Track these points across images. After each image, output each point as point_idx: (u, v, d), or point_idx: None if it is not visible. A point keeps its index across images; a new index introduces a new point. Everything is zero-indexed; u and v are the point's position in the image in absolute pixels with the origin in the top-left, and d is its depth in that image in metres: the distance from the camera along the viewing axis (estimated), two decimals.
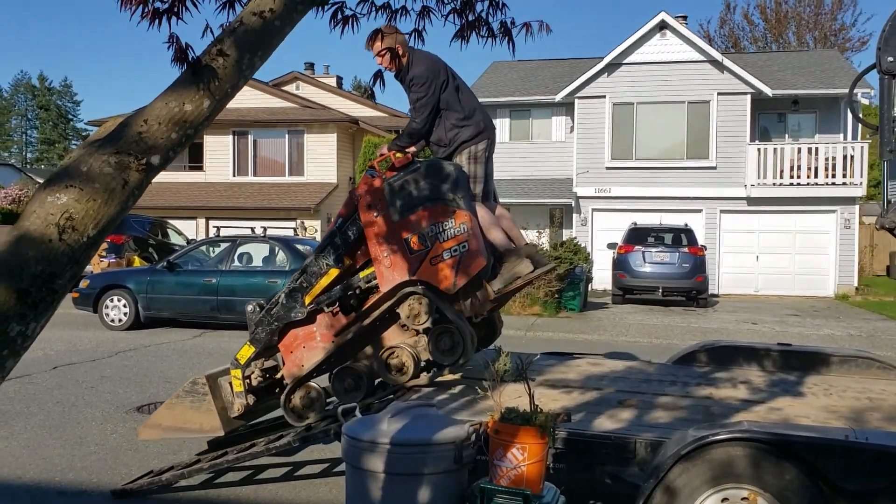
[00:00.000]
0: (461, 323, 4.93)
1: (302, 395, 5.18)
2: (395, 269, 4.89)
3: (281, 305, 5.16)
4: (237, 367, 5.34)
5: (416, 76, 5.23)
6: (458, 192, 4.90)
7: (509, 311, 15.94)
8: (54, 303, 1.96)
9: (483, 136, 5.40)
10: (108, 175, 2.00)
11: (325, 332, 5.13)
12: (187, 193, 28.31)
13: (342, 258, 5.06)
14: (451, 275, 4.81)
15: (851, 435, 3.82)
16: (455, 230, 4.81)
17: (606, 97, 23.61)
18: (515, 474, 3.33)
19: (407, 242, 4.86)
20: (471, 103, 5.42)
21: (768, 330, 14.39)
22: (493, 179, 5.67)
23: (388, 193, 4.92)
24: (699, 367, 6.06)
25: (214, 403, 5.37)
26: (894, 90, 4.71)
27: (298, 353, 5.18)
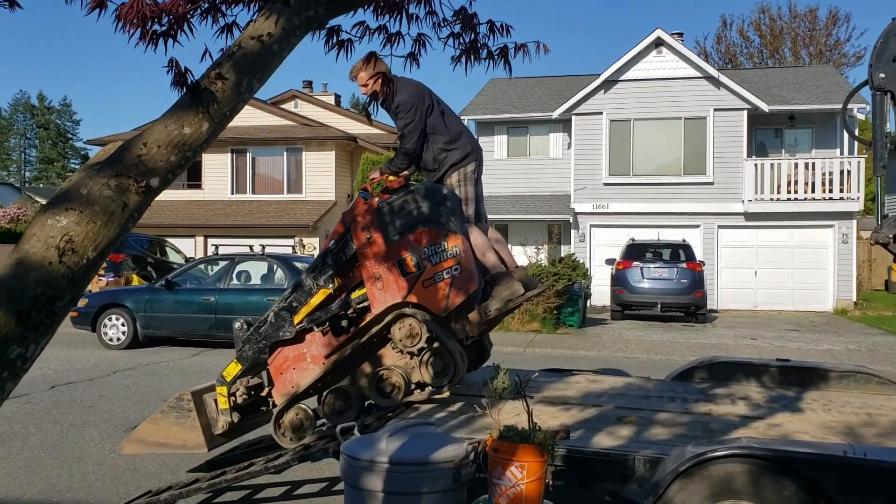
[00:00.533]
0: (452, 345, 4.96)
1: (292, 416, 5.18)
2: (387, 291, 4.93)
3: (270, 324, 5.19)
4: (223, 384, 5.35)
5: (401, 103, 5.32)
6: (451, 214, 4.96)
7: (508, 328, 15.94)
8: (54, 325, 1.97)
9: (471, 158, 5.46)
10: (108, 198, 2.02)
11: (315, 354, 5.15)
12: (186, 211, 28.34)
13: (333, 278, 5.10)
14: (443, 297, 4.85)
15: (850, 451, 3.82)
16: (448, 253, 4.86)
17: (603, 114, 23.72)
18: (515, 493, 3.33)
19: (400, 264, 4.90)
20: (456, 127, 5.50)
21: (767, 345, 14.39)
22: (483, 201, 5.72)
23: (381, 216, 4.96)
24: (698, 384, 6.06)
25: (199, 420, 5.38)
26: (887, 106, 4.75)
27: (289, 374, 5.20)
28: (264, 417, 5.57)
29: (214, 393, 5.42)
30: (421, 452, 3.45)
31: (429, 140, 5.40)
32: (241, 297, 13.17)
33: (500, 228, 25.71)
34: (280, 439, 5.19)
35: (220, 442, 5.54)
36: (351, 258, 5.08)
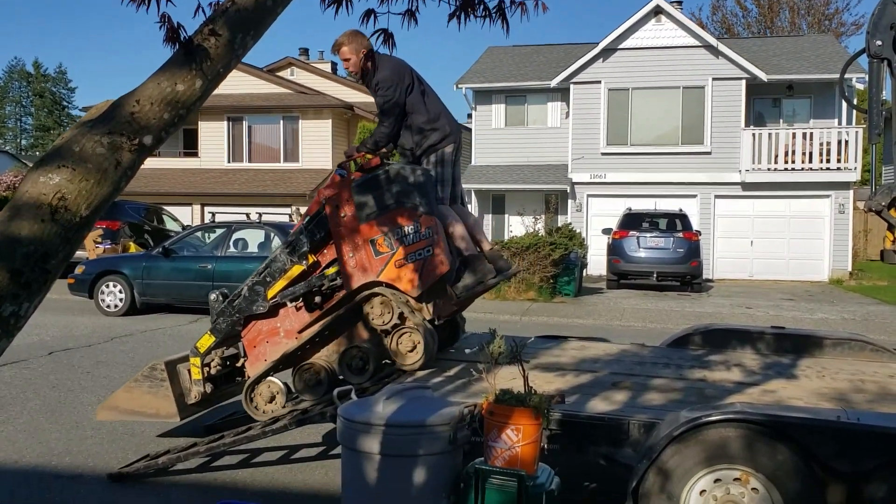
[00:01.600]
0: (423, 325, 5.01)
1: (263, 389, 5.26)
2: (360, 270, 5.00)
3: (243, 298, 5.27)
4: (196, 355, 5.43)
5: (380, 80, 5.30)
6: (425, 196, 4.99)
7: (505, 297, 15.98)
8: (47, 283, 1.96)
9: (450, 140, 5.45)
10: (101, 155, 2.00)
11: (288, 328, 5.23)
12: (182, 180, 28.23)
13: (307, 255, 5.16)
14: (414, 278, 4.91)
15: (843, 416, 3.85)
16: (420, 234, 4.91)
17: (602, 83, 23.57)
18: (510, 455, 3.35)
19: (373, 244, 4.97)
20: (436, 107, 5.48)
21: (762, 314, 14.44)
22: (461, 182, 5.74)
23: (355, 195, 5.00)
24: (693, 350, 6.09)
25: (172, 389, 5.46)
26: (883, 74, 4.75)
27: (262, 347, 5.30)
28: (238, 388, 5.65)
29: (188, 363, 5.51)
30: (417, 415, 3.47)
31: (408, 119, 5.39)
32: (238, 265, 13.16)
33: (497, 198, 25.72)
34: (251, 411, 5.29)
35: (193, 412, 5.65)
36: (325, 235, 5.14)
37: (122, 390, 5.62)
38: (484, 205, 25.63)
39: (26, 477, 5.27)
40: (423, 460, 3.38)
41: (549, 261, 16.18)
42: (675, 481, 3.71)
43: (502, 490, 3.26)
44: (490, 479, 3.29)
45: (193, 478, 5.29)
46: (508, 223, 25.46)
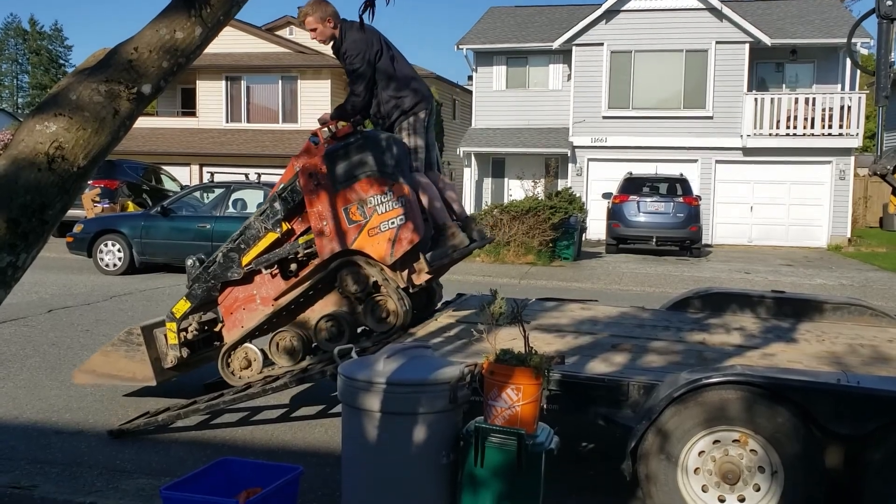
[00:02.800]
0: (396, 293, 5.04)
1: (240, 355, 5.32)
2: (333, 238, 5.01)
3: (218, 264, 5.32)
4: (172, 320, 5.47)
5: (348, 48, 5.26)
6: (398, 164, 5.00)
7: (503, 260, 15.98)
8: (45, 234, 1.93)
9: (421, 106, 5.41)
10: (99, 104, 1.96)
11: (264, 296, 5.28)
12: (180, 139, 28.06)
13: (280, 223, 5.19)
14: (387, 246, 4.92)
15: (843, 379, 3.85)
16: (393, 203, 4.90)
17: (604, 45, 23.32)
18: (510, 414, 3.35)
19: (346, 212, 4.97)
20: (407, 73, 5.43)
21: (761, 279, 14.45)
22: (436, 148, 5.72)
23: (328, 163, 4.99)
24: (693, 314, 6.09)
25: (148, 354, 5.50)
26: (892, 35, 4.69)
27: (238, 314, 5.36)
28: (216, 352, 5.70)
29: (165, 328, 5.54)
30: (418, 374, 3.46)
31: (378, 87, 5.35)
32: (236, 225, 12.92)
33: (496, 162, 25.60)
34: (227, 377, 5.35)
35: (170, 376, 5.70)
36: (299, 204, 5.15)
37: (99, 354, 5.66)
38: (483, 168, 25.52)
39: (26, 432, 5.29)
40: (423, 418, 3.38)
41: (548, 225, 16.14)
42: (674, 442, 3.72)
43: (502, 448, 3.26)
44: (490, 437, 3.29)
45: (193, 435, 5.31)
46: (508, 187, 25.37)
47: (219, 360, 5.36)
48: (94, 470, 4.65)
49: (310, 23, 5.32)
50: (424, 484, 3.40)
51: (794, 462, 3.63)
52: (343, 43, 5.30)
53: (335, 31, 5.33)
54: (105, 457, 4.88)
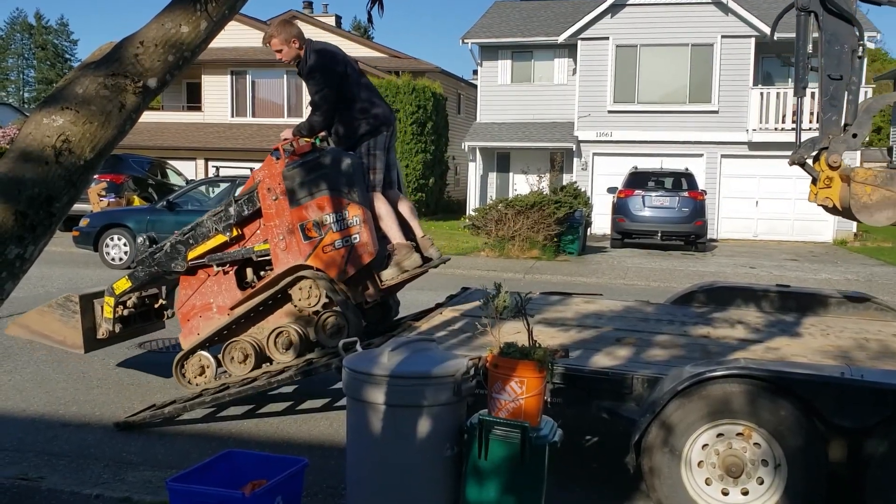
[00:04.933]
0: (348, 309, 5.16)
1: (194, 361, 5.46)
2: (289, 253, 5.17)
3: (165, 253, 5.47)
4: (111, 295, 5.67)
5: (313, 69, 5.33)
6: (354, 184, 5.11)
7: (508, 255, 15.98)
8: (52, 226, 1.95)
9: (382, 129, 5.50)
10: (105, 98, 1.97)
11: (221, 304, 5.43)
12: (186, 134, 28.09)
13: (231, 228, 5.33)
14: (341, 264, 5.08)
15: (847, 373, 3.85)
16: (348, 221, 5.05)
17: (609, 39, 23.26)
18: (514, 407, 3.36)
19: (302, 228, 5.11)
20: (369, 96, 5.52)
21: (766, 274, 14.43)
22: (396, 168, 5.82)
23: (287, 179, 5.13)
24: (697, 308, 6.09)
25: (82, 323, 5.66)
26: (810, 27, 4.77)
27: (195, 321, 5.50)
28: (150, 326, 6.10)
29: (104, 299, 5.72)
30: (422, 367, 3.47)
31: (340, 107, 5.42)
32: None
33: (501, 156, 25.57)
34: (181, 382, 5.48)
35: (99, 346, 5.90)
36: (253, 213, 5.31)
37: (35, 312, 5.80)
38: (488, 162, 25.51)
39: (33, 424, 5.33)
40: (427, 411, 3.39)
41: (553, 219, 16.11)
42: (677, 435, 3.74)
43: (506, 441, 3.28)
44: (494, 430, 3.30)
45: (199, 428, 5.34)
46: (513, 181, 25.35)
47: (174, 365, 5.51)
48: (101, 462, 4.68)
49: (275, 44, 5.41)
50: (429, 476, 3.42)
51: (797, 455, 3.64)
52: (307, 64, 5.38)
53: (300, 51, 5.42)
54: (112, 449, 4.91)
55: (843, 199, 4.60)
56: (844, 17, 4.63)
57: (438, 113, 26.18)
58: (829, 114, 4.66)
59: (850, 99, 4.71)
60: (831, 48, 4.67)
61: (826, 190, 4.68)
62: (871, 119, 4.69)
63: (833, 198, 4.66)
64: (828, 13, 4.65)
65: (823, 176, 4.67)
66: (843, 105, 4.69)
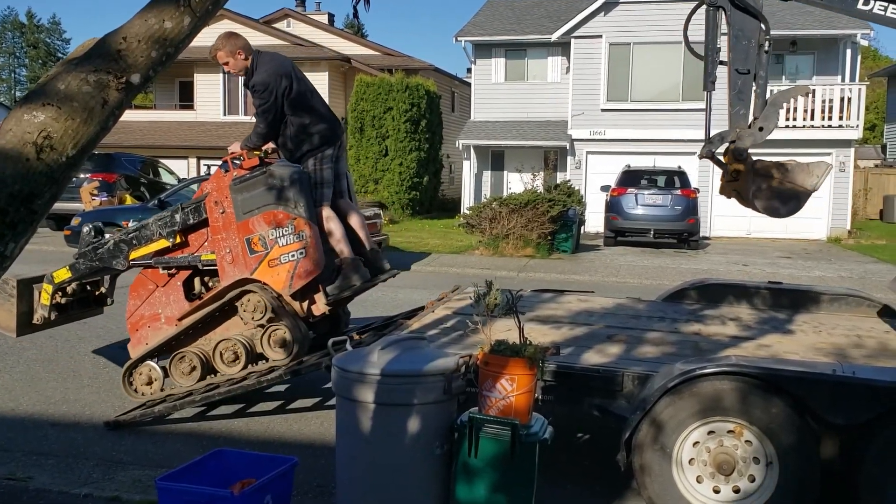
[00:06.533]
0: (294, 323, 5.19)
1: (142, 371, 5.49)
2: (235, 266, 5.23)
3: (107, 250, 5.54)
4: (50, 282, 5.74)
5: (257, 83, 5.34)
6: (300, 198, 5.13)
7: (502, 253, 15.97)
8: (33, 223, 1.93)
9: (329, 143, 5.51)
10: (87, 94, 1.95)
11: (169, 315, 5.50)
12: (178, 133, 28.01)
13: (175, 234, 5.39)
14: (286, 278, 5.12)
15: (839, 370, 3.85)
16: (294, 237, 5.09)
17: (603, 37, 23.25)
18: (504, 405, 3.35)
19: (248, 242, 5.17)
20: (317, 109, 5.52)
21: (759, 272, 14.45)
22: (347, 178, 5.82)
23: (233, 193, 5.19)
24: (689, 305, 6.09)
25: (17, 307, 5.70)
26: (719, 22, 4.85)
27: (143, 331, 5.56)
28: (89, 313, 6.24)
29: (42, 285, 5.79)
30: (412, 365, 3.46)
31: (287, 120, 5.43)
32: None
33: (496, 154, 25.55)
34: (129, 392, 5.50)
35: (32, 331, 5.96)
36: (198, 223, 5.37)
37: None
38: (483, 161, 25.49)
39: (23, 424, 5.30)
40: (417, 409, 3.37)
41: (546, 218, 16.11)
42: (668, 433, 3.73)
43: (496, 439, 3.26)
44: (484, 427, 3.29)
45: (189, 426, 5.32)
46: (507, 180, 25.34)
47: (122, 374, 5.52)
48: (91, 461, 4.66)
49: (221, 57, 5.42)
50: (419, 474, 3.40)
51: (789, 453, 3.64)
52: (253, 75, 5.38)
53: (247, 62, 5.42)
54: (101, 448, 4.89)
55: (749, 192, 4.66)
56: (751, 13, 4.69)
57: (432, 111, 26.15)
58: (737, 107, 4.73)
59: (758, 93, 4.77)
60: (739, 43, 4.72)
61: (734, 182, 4.77)
62: (777, 113, 4.76)
63: (740, 190, 4.74)
64: (735, 8, 4.71)
65: (731, 169, 4.74)
66: (750, 99, 4.74)
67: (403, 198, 25.11)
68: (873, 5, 4.60)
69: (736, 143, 4.72)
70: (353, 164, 25.46)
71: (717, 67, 4.85)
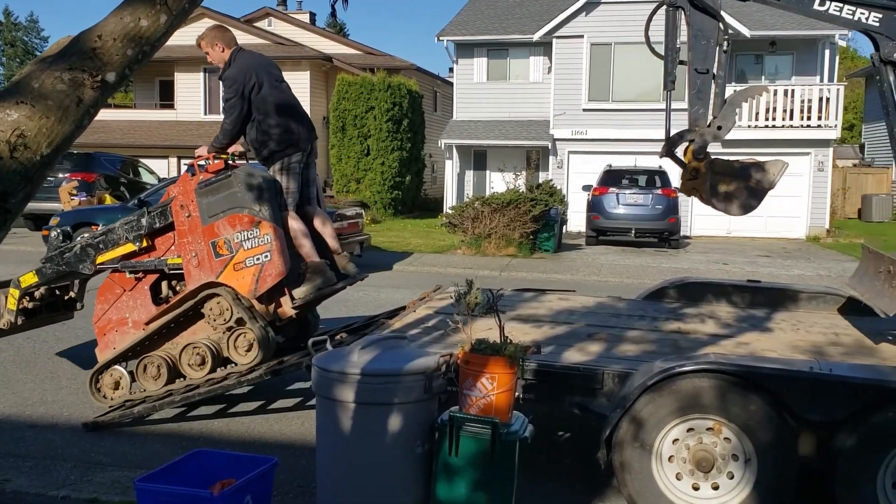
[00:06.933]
0: (259, 326, 5.19)
1: (109, 375, 5.48)
2: (201, 269, 5.24)
3: (74, 254, 5.53)
4: (17, 287, 5.73)
5: (227, 77, 5.39)
6: (266, 202, 5.14)
7: (484, 252, 15.99)
8: (7, 222, 1.91)
9: (296, 149, 5.50)
10: (62, 92, 1.93)
11: (136, 319, 5.51)
12: (158, 132, 27.83)
13: (141, 238, 5.41)
14: (251, 282, 5.13)
15: (816, 367, 3.88)
16: (259, 240, 5.10)
17: (584, 37, 23.33)
18: (485, 403, 3.35)
19: (213, 246, 5.19)
20: (288, 111, 5.51)
21: (739, 270, 14.55)
22: (315, 184, 5.82)
23: (199, 197, 5.20)
24: (669, 303, 6.12)
25: None
26: (679, 21, 4.92)
27: (111, 335, 5.56)
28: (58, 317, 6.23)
29: (8, 290, 5.79)
30: (392, 364, 3.46)
31: (256, 120, 5.42)
32: None
33: (478, 154, 25.56)
34: (96, 397, 5.49)
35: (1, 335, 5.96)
36: (165, 227, 5.38)
37: None
38: (465, 160, 25.50)
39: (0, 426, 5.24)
40: (397, 409, 3.37)
41: (529, 217, 16.14)
42: (648, 430, 3.75)
43: (476, 437, 3.27)
44: (464, 426, 3.29)
45: (169, 427, 5.29)
46: (490, 179, 25.36)
47: (89, 379, 5.50)
48: (69, 463, 4.62)
49: (203, 45, 5.50)
50: (399, 474, 3.40)
51: (767, 450, 3.66)
52: (226, 70, 5.42)
53: (224, 55, 5.47)
54: (80, 450, 4.85)
55: (707, 190, 4.75)
56: (710, 13, 4.77)
57: (414, 110, 26.14)
58: (696, 107, 4.81)
59: (717, 92, 4.86)
60: (697, 43, 4.80)
61: (693, 181, 4.84)
62: (735, 112, 4.85)
63: (699, 188, 4.80)
64: (695, 9, 4.78)
65: (690, 168, 4.81)
66: (709, 98, 4.83)
67: (386, 197, 25.07)
68: (829, 6, 4.68)
69: (695, 142, 4.78)
70: (335, 164, 25.40)
71: (676, 67, 4.92)
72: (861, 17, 4.66)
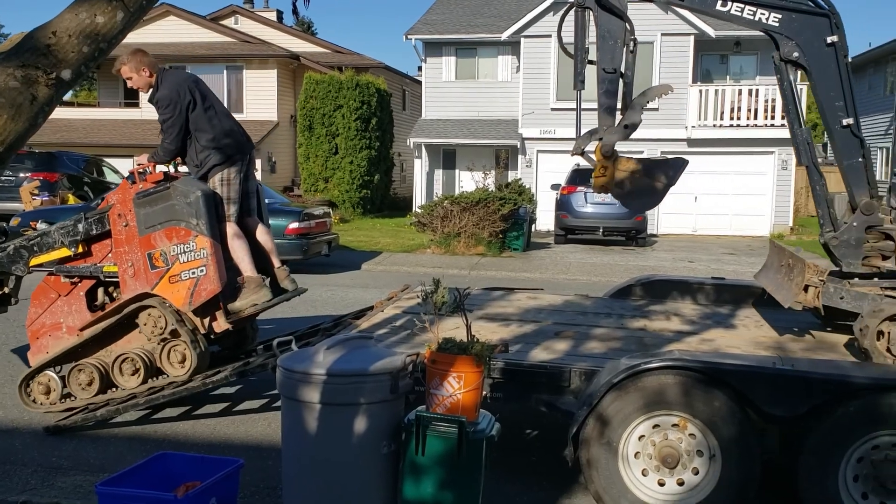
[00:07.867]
0: (193, 339, 5.19)
1: (40, 380, 5.43)
2: (137, 280, 5.24)
3: (8, 255, 5.53)
4: None
5: (160, 98, 5.37)
6: (202, 215, 5.13)
7: (454, 251, 16.00)
8: None
9: (234, 160, 5.48)
10: (15, 90, 1.89)
11: (71, 325, 5.46)
12: (123, 131, 27.46)
13: (77, 244, 5.38)
14: (186, 295, 5.14)
15: (778, 363, 3.94)
16: (195, 254, 5.11)
17: (552, 37, 23.42)
18: (451, 402, 3.35)
19: (149, 257, 5.19)
20: (224, 125, 5.50)
21: (704, 268, 14.72)
22: (256, 196, 5.79)
23: (136, 207, 5.19)
24: (634, 301, 6.17)
25: None
26: (587, 22, 5.03)
27: (44, 339, 5.53)
28: None
29: None
30: (358, 364, 3.43)
31: (193, 136, 5.42)
32: None
33: (447, 153, 25.57)
34: (25, 401, 5.43)
35: None
36: (100, 235, 5.36)
37: None
38: (434, 159, 25.49)
39: None
40: (363, 409, 3.35)
41: (498, 216, 16.19)
42: (614, 427, 3.77)
43: (443, 437, 3.26)
44: (431, 425, 3.28)
45: (133, 430, 5.22)
46: (459, 178, 25.38)
47: (20, 383, 5.43)
48: (29, 468, 4.53)
49: (125, 72, 5.42)
50: (365, 474, 3.38)
51: (731, 445, 3.71)
52: (158, 91, 5.38)
53: (151, 79, 5.43)
54: (40, 454, 4.76)
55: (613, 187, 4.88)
56: (616, 13, 4.86)
57: (383, 109, 26.06)
58: (605, 106, 4.88)
59: (626, 91, 4.95)
60: (605, 43, 4.90)
61: (602, 178, 4.92)
62: (640, 110, 4.93)
63: (607, 185, 4.90)
64: (602, 9, 4.88)
65: (599, 165, 4.88)
66: (617, 97, 4.92)
67: (354, 196, 24.97)
68: (731, 7, 4.81)
69: (604, 140, 4.84)
70: (303, 163, 25.26)
71: (585, 67, 5.00)
72: (761, 17, 4.82)
